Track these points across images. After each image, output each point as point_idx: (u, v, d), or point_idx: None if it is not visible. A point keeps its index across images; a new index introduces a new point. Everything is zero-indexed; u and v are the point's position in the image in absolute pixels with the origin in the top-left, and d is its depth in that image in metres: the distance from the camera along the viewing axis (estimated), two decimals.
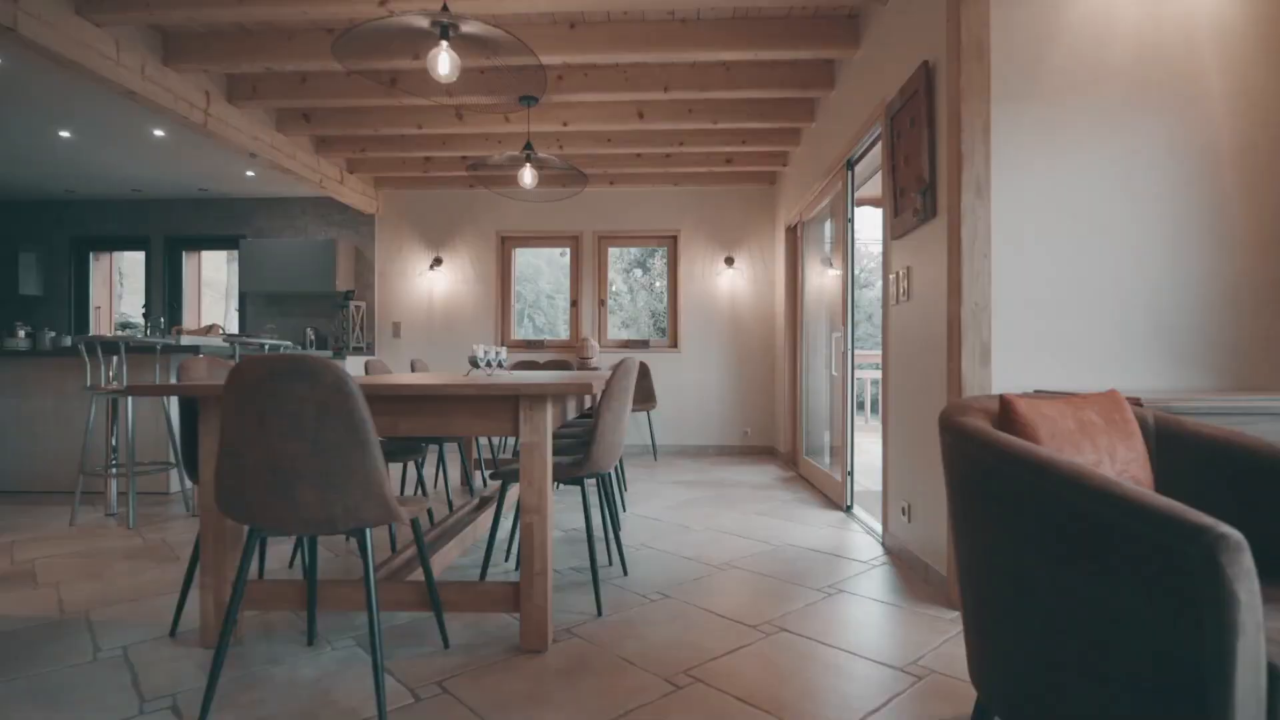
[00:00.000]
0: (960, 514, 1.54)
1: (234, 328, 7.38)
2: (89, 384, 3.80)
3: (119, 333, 6.35)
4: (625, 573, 2.87)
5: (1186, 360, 2.43)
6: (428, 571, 2.07)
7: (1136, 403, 1.89)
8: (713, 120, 4.98)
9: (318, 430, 1.59)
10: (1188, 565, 1.09)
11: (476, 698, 1.80)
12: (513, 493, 3.82)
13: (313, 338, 7.00)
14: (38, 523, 3.80)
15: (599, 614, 2.41)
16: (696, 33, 3.77)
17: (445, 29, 2.73)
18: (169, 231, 7.34)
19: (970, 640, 1.53)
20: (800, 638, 2.20)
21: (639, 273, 17.97)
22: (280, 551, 3.24)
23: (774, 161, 6.13)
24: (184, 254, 7.47)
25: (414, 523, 1.96)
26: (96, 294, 7.60)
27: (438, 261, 7.07)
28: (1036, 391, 2.37)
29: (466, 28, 2.76)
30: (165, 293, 7.36)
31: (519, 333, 7.44)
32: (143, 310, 7.42)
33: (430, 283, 7.11)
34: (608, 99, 4.71)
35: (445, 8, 2.71)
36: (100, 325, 7.60)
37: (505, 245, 7.14)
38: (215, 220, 7.29)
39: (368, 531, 1.73)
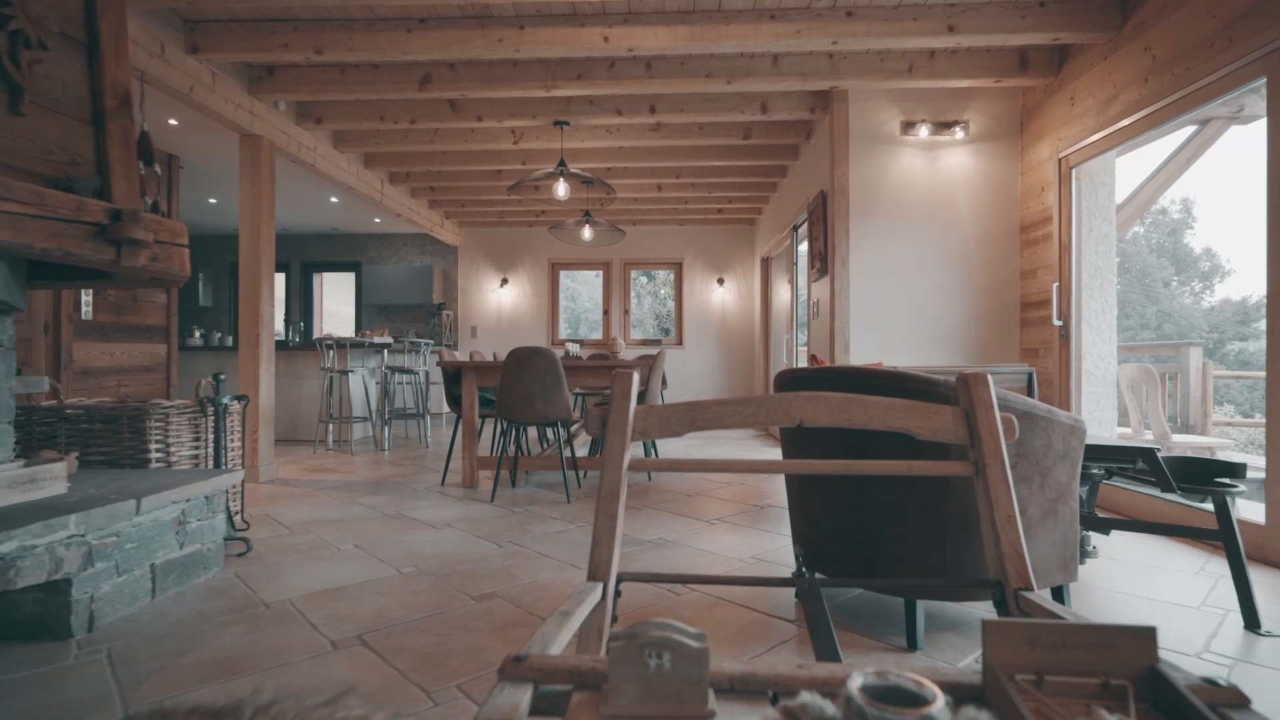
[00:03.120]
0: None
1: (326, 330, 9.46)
2: (325, 366, 5.91)
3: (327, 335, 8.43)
4: (655, 455, 4.98)
5: (950, 350, 4.54)
6: (571, 450, 4.18)
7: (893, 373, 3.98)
8: (708, 190, 7.10)
9: (544, 378, 3.70)
10: None
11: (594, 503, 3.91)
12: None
13: (414, 338, 9.08)
14: (291, 452, 5.91)
15: (649, 479, 4.51)
16: (699, 152, 5.87)
17: (563, 172, 4.83)
18: (303, 259, 9.44)
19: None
20: (749, 486, 4.31)
21: (644, 280, 20.09)
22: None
23: (752, 212, 8.23)
24: (314, 276, 9.57)
25: (567, 424, 4.06)
26: None
27: (504, 281, 9.18)
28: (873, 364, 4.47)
29: (574, 169, 4.86)
30: (301, 304, 9.46)
31: (561, 333, 9.54)
32: (283, 318, 9.51)
33: (499, 297, 9.21)
34: (639, 181, 6.80)
35: (562, 161, 4.82)
36: None
37: (554, 269, 9.25)
38: (339, 250, 9.40)
39: (559, 424, 3.84)
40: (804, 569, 1.74)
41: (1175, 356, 6.58)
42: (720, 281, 9.03)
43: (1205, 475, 2.15)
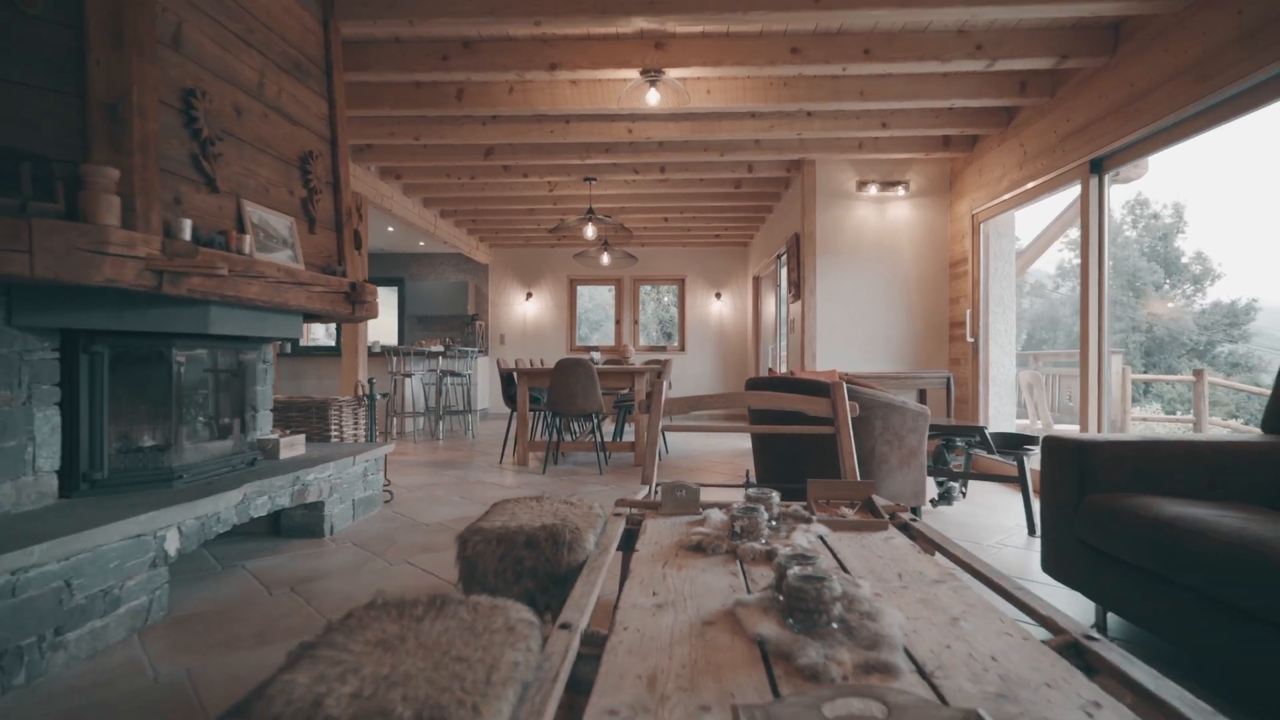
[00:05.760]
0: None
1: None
2: (391, 370, 7.17)
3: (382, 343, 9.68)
4: (667, 450, 6.23)
5: (894, 360, 5.78)
6: (601, 435, 5.43)
7: (845, 375, 5.22)
8: (707, 222, 8.36)
9: (584, 379, 4.96)
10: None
11: (620, 473, 5.16)
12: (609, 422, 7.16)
13: (462, 346, 10.34)
14: None
15: (661, 458, 5.75)
16: (699, 196, 7.13)
17: (591, 217, 6.08)
18: None
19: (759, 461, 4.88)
20: (738, 465, 5.56)
21: (647, 287, 21.12)
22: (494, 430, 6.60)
23: (745, 238, 9.48)
24: None
25: (599, 415, 5.30)
26: None
27: (529, 295, 10.43)
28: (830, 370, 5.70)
29: (600, 215, 6.11)
30: None
31: (576, 341, 10.79)
32: (336, 328, 10.77)
33: (524, 309, 10.47)
34: (648, 215, 8.06)
35: (590, 208, 6.07)
36: (305, 338, 10.94)
37: (572, 285, 10.50)
38: (384, 267, 10.65)
39: (593, 415, 5.09)
40: (750, 481, 2.98)
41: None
42: (718, 296, 10.28)
43: (1017, 443, 3.40)
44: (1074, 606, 2.30)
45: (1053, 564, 2.19)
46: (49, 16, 1.84)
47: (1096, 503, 1.96)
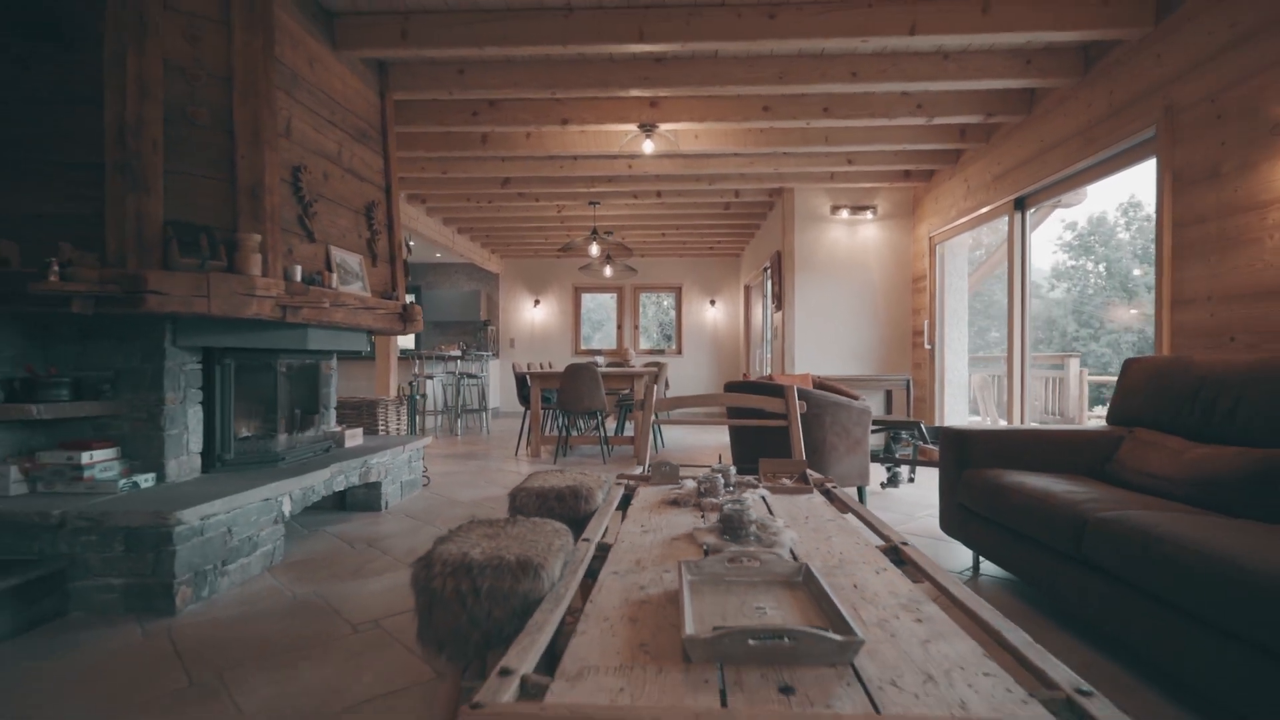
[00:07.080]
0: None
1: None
2: (416, 372, 7.88)
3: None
4: (663, 444, 6.93)
5: (863, 364, 6.48)
6: (605, 430, 6.13)
7: (818, 378, 5.92)
8: (701, 236, 9.06)
9: (589, 382, 5.66)
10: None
11: (621, 463, 5.86)
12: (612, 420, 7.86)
13: (477, 350, 11.04)
14: None
15: (657, 450, 6.45)
16: (693, 215, 7.83)
17: (595, 236, 6.78)
18: None
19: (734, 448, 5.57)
20: (718, 453, 6.26)
21: (647, 294, 21.62)
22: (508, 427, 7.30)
23: (737, 248, 10.18)
24: None
25: (603, 413, 6.00)
26: None
27: (537, 302, 11.14)
28: (805, 374, 6.40)
29: (603, 234, 6.81)
30: None
31: (580, 345, 11.49)
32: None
33: (532, 315, 11.17)
34: (648, 232, 8.76)
35: (595, 229, 6.77)
36: None
37: (576, 292, 11.20)
38: None
39: (599, 412, 5.80)
40: (720, 462, 3.67)
41: (1060, 365, 8.48)
42: (712, 303, 10.98)
43: None
44: (964, 553, 3.00)
45: (946, 523, 2.89)
46: (211, 125, 2.55)
47: (968, 476, 2.66)
